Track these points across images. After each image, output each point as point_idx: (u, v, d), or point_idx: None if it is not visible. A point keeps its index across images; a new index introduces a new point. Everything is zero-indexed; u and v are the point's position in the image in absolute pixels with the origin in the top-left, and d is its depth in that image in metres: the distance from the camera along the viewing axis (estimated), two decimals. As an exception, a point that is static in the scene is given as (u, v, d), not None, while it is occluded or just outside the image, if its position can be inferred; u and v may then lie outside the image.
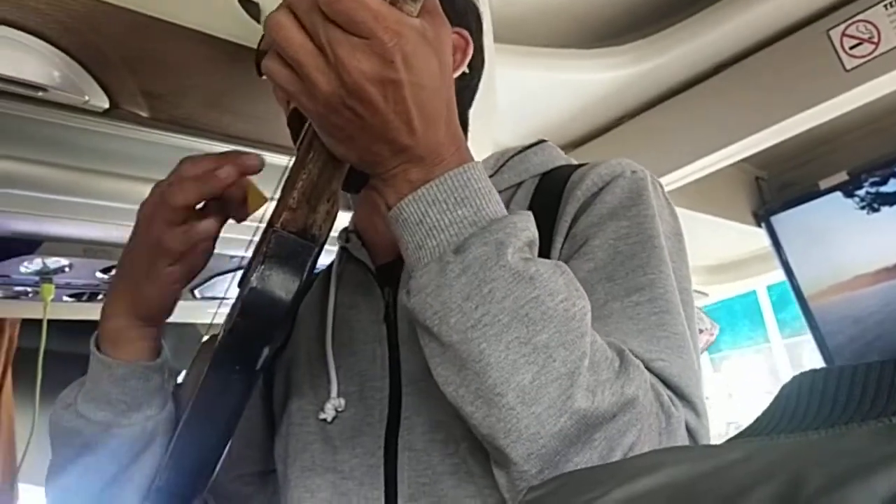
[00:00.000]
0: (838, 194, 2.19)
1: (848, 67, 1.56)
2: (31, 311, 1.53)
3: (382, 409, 0.75)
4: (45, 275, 1.30)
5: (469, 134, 0.89)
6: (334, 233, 0.67)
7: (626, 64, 1.71)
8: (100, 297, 1.46)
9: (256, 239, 0.67)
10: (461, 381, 0.54)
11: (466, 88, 0.86)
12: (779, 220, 2.29)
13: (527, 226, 0.56)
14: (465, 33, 0.80)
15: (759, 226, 2.33)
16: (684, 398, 0.61)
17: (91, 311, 1.51)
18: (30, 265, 1.27)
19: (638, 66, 1.71)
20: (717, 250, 2.60)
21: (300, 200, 0.60)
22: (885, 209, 2.12)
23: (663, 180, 1.89)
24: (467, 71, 0.82)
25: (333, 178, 0.61)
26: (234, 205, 0.72)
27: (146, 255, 0.69)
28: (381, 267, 0.81)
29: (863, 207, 2.15)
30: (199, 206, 0.71)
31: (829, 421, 0.32)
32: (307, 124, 0.60)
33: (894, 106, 2.09)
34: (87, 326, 0.76)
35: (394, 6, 0.51)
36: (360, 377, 0.77)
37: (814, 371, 0.35)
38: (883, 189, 2.12)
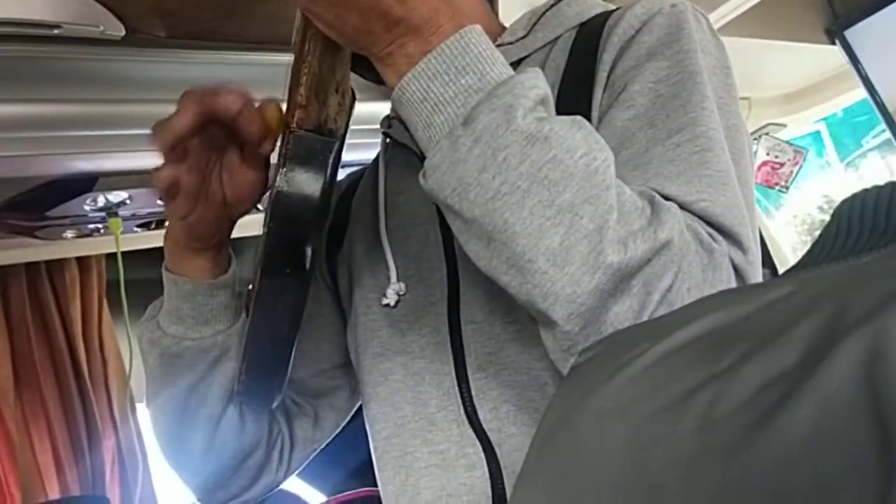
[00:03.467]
0: (917, -6, 2.00)
1: None
2: (107, 245, 1.59)
3: (442, 287, 0.75)
4: (109, 210, 1.33)
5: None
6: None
7: None
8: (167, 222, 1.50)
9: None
10: (491, 253, 0.53)
11: None
12: (853, 33, 2.11)
13: (535, 83, 0.53)
14: None
15: (833, 43, 2.17)
16: (729, 235, 0.58)
17: (162, 238, 1.55)
18: (93, 203, 1.31)
19: None
20: (791, 77, 2.45)
21: (308, 96, 0.59)
22: (970, 3, 1.93)
23: (723, 8, 1.78)
24: None
25: (336, 68, 0.59)
26: (255, 139, 0.67)
27: (174, 189, 0.68)
28: None
29: (945, 5, 1.96)
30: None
31: (883, 241, 0.29)
32: (299, 14, 0.57)
33: None
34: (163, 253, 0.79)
35: None
36: (416, 259, 0.78)
37: (865, 190, 0.32)
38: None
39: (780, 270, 1.75)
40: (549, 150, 0.50)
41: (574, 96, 0.68)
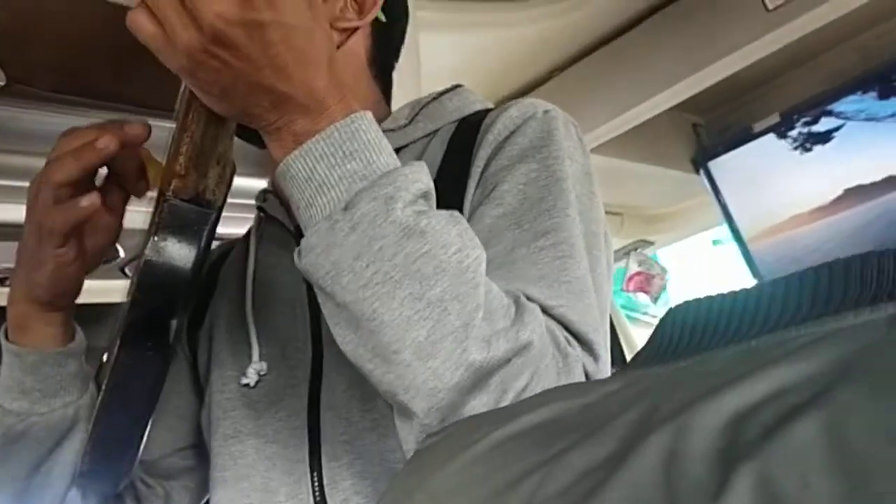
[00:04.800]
0: (771, 136, 2.21)
1: (770, 7, 1.56)
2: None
3: (305, 369, 0.74)
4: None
5: (393, 93, 0.87)
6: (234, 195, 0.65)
7: (554, 14, 1.69)
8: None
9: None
10: (358, 339, 0.53)
11: (387, 38, 0.83)
12: (716, 165, 2.31)
13: (419, 177, 0.55)
14: None
15: (698, 172, 2.36)
16: (584, 342, 0.61)
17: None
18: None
19: (570, 16, 1.70)
20: (659, 199, 2.63)
21: (187, 166, 0.58)
22: (817, 148, 2.15)
23: (599, 131, 1.91)
24: (384, 19, 0.79)
25: (219, 139, 0.59)
26: (132, 180, 0.68)
27: (33, 238, 0.66)
28: (299, 225, 0.80)
29: (796, 148, 2.18)
30: (99, 184, 0.67)
31: (700, 349, 0.32)
32: (184, 83, 0.58)
33: (820, 45, 2.11)
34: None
35: None
36: (281, 339, 0.76)
37: (688, 301, 0.35)
38: (814, 129, 2.15)
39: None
40: (424, 244, 0.51)
41: (449, 189, 0.69)
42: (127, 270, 1.50)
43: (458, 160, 0.72)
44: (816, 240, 2.17)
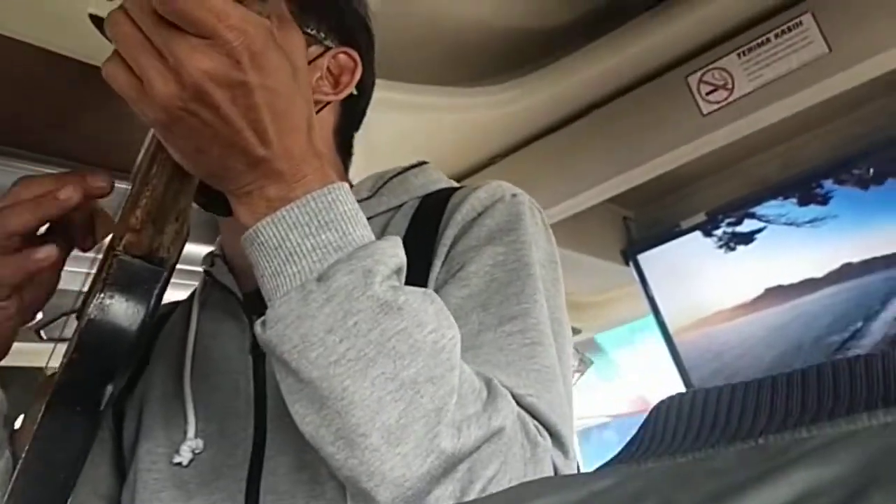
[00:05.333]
0: (698, 233, 2.30)
1: (705, 112, 1.64)
2: None
3: (245, 449, 0.69)
4: None
5: (352, 160, 0.87)
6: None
7: (496, 104, 1.73)
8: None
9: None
10: (321, 420, 0.50)
11: (352, 111, 0.83)
12: (645, 258, 2.37)
13: (395, 252, 0.53)
14: (354, 53, 0.77)
15: (628, 264, 2.41)
16: (553, 434, 0.60)
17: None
18: None
19: (511, 106, 1.74)
20: (588, 288, 2.67)
21: (144, 220, 0.55)
22: (740, 248, 2.24)
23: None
24: (355, 93, 0.79)
25: (181, 195, 0.57)
26: (80, 232, 0.65)
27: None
28: (248, 294, 0.76)
29: (720, 246, 2.26)
30: (41, 232, 0.63)
31: (697, 444, 0.31)
32: (150, 135, 0.55)
33: (748, 150, 2.22)
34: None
35: (239, 3, 0.47)
36: (221, 414, 0.72)
37: (680, 394, 0.34)
38: (738, 229, 2.24)
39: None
40: (400, 321, 0.50)
41: (413, 266, 0.68)
42: (43, 333, 1.42)
43: (422, 237, 0.71)
44: (737, 336, 2.24)
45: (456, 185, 0.80)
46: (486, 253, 0.67)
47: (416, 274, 0.68)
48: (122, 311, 0.56)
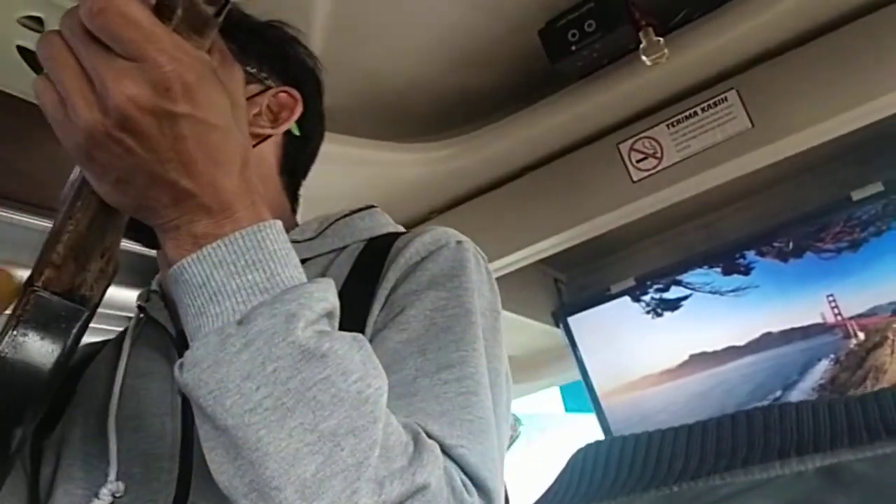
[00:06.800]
0: (627, 298, 2.34)
1: (635, 179, 1.69)
2: None
3: (168, 494, 0.66)
4: None
5: (300, 204, 0.86)
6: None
7: (439, 160, 1.75)
8: None
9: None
10: (235, 470, 0.47)
11: (299, 152, 0.84)
12: (575, 320, 2.40)
13: (325, 295, 0.51)
14: (295, 92, 0.78)
15: (557, 325, 2.43)
16: (480, 489, 0.57)
17: None
18: None
19: (449, 164, 1.76)
20: (517, 347, 2.68)
21: (66, 256, 0.52)
22: (667, 314, 2.28)
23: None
24: (298, 133, 0.80)
25: (107, 231, 0.54)
26: None
27: None
28: (182, 331, 0.73)
29: (648, 312, 2.31)
30: None
31: (612, 492, 0.30)
32: (78, 169, 0.53)
33: (676, 219, 2.29)
34: None
35: (178, 35, 0.46)
36: (144, 456, 0.68)
37: (597, 442, 0.34)
38: (665, 295, 2.29)
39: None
40: (323, 370, 0.48)
41: (352, 308, 0.66)
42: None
43: (364, 279, 0.70)
44: (663, 401, 2.27)
45: (402, 230, 0.80)
46: (428, 297, 0.66)
47: (355, 317, 0.66)
48: (37, 349, 0.52)
